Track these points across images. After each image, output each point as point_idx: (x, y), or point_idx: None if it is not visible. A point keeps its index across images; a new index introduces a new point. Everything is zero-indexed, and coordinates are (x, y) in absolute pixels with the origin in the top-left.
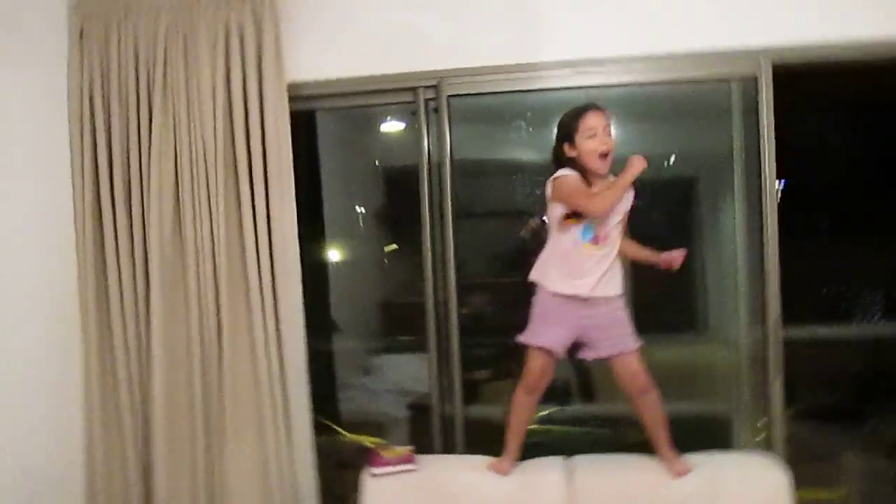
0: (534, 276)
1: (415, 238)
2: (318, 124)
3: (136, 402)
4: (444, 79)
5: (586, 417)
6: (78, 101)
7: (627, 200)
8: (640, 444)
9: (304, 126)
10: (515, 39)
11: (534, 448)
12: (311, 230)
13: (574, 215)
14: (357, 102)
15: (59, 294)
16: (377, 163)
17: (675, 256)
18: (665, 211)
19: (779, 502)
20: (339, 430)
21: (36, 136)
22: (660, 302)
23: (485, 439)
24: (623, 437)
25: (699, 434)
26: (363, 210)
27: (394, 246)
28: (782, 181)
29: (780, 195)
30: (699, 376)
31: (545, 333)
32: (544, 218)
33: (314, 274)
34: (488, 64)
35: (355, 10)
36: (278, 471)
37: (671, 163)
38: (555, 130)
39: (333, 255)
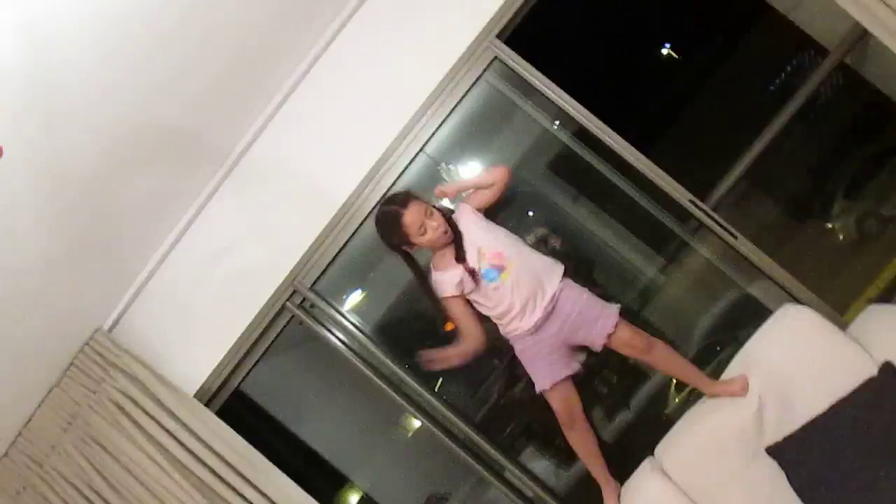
0: (506, 335)
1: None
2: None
3: None
4: (295, 280)
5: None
6: None
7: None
8: None
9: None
10: (314, 204)
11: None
12: None
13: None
14: (256, 356)
15: None
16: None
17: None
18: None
19: (831, 338)
20: None
21: None
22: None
23: None
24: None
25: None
26: None
27: None
28: None
29: None
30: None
31: (542, 372)
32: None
33: None
34: (310, 243)
35: (187, 302)
36: None
37: None
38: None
39: None
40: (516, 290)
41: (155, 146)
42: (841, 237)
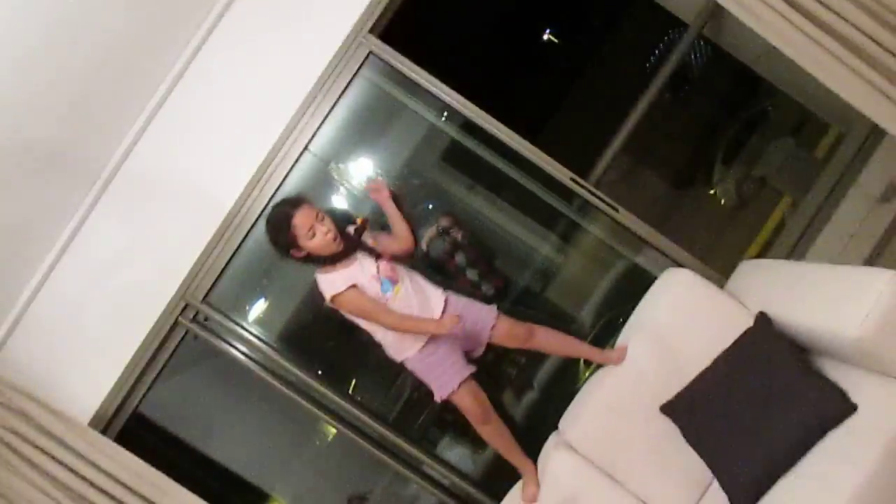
0: (397, 358)
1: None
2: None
3: None
4: (186, 293)
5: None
6: None
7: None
8: None
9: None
10: (200, 213)
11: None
12: None
13: None
14: (153, 375)
15: None
16: None
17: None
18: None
19: (710, 295)
20: None
21: None
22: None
23: None
24: None
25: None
26: None
27: None
28: None
29: None
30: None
31: (444, 377)
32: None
33: None
34: (199, 254)
35: (73, 326)
36: None
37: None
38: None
39: None
40: (406, 305)
41: (21, 163)
42: (723, 201)
